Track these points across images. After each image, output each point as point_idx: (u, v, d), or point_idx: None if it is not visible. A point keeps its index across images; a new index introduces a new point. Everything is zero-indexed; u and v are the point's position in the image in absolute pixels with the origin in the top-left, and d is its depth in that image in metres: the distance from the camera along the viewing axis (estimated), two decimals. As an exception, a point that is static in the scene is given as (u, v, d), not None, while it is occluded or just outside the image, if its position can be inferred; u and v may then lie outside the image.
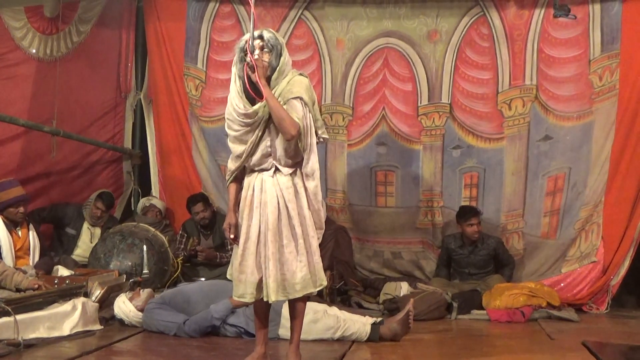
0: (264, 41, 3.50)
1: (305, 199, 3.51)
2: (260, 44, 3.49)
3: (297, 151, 3.51)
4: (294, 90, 3.48)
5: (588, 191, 6.25)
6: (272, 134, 3.51)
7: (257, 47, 3.48)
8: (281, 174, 3.51)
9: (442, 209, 6.60)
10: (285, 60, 3.54)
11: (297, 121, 3.42)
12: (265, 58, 3.48)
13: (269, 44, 3.50)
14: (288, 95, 3.47)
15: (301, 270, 3.42)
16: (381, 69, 6.73)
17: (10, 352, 3.73)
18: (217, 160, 6.98)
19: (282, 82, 3.51)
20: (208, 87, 7.01)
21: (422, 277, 6.50)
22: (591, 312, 6.00)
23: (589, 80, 6.29)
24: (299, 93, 3.48)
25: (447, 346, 4.50)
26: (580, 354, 4.12)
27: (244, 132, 3.53)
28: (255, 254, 3.47)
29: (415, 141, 6.66)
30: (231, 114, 3.57)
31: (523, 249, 6.41)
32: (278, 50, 3.51)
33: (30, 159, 6.04)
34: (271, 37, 3.52)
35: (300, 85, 3.50)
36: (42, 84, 6.09)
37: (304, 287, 3.42)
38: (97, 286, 4.91)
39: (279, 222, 3.45)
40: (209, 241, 6.56)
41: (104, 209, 6.34)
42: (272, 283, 3.40)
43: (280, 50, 3.52)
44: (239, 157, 3.58)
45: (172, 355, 3.95)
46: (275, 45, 3.50)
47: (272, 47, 3.50)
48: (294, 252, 3.44)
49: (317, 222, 3.55)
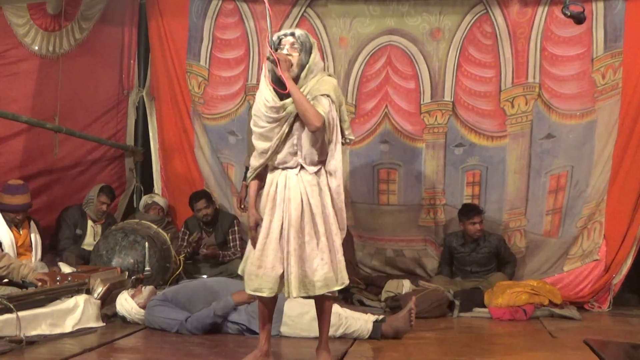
0: (295, 38, 3.55)
1: (329, 198, 3.50)
2: (291, 41, 3.54)
3: (323, 149, 3.51)
4: (322, 89, 3.49)
5: (590, 189, 6.24)
6: (299, 131, 3.50)
7: (287, 44, 3.53)
8: (306, 172, 3.50)
9: (444, 206, 6.60)
10: (316, 59, 3.56)
11: (322, 114, 3.43)
12: (295, 55, 3.51)
13: (299, 40, 3.54)
14: (316, 93, 3.48)
15: (322, 268, 3.40)
16: (384, 67, 6.72)
17: (13, 348, 3.73)
18: (220, 158, 6.98)
19: (311, 80, 3.52)
20: (211, 84, 7.01)
21: (424, 275, 6.50)
22: (593, 310, 6.00)
23: (592, 79, 6.28)
24: (327, 91, 3.50)
25: (449, 344, 4.50)
26: (582, 352, 4.12)
27: (270, 128, 3.51)
28: (278, 249, 3.44)
29: (417, 139, 6.66)
30: (259, 109, 3.55)
31: (525, 247, 6.40)
32: (308, 48, 3.55)
33: (33, 156, 6.04)
34: (302, 34, 3.57)
35: (329, 85, 3.52)
36: (45, 81, 6.09)
37: (325, 285, 3.40)
38: (99, 283, 4.91)
39: (302, 220, 3.44)
40: (211, 238, 6.57)
41: (109, 202, 6.37)
42: (294, 280, 3.38)
43: (311, 49, 3.55)
44: (263, 153, 3.55)
45: (174, 353, 3.96)
46: (305, 43, 3.55)
47: (302, 44, 3.54)
48: (315, 249, 3.42)
49: (340, 222, 3.54)
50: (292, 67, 3.49)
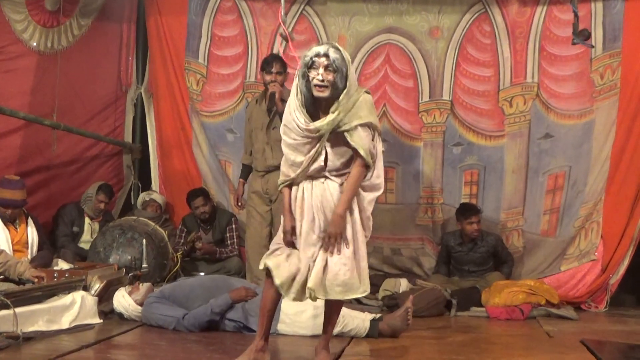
0: (330, 60, 3.33)
1: (357, 205, 3.46)
2: (325, 63, 3.33)
3: (349, 162, 3.47)
4: (361, 115, 3.38)
5: (588, 189, 6.25)
6: (329, 147, 3.43)
7: (321, 66, 3.33)
8: (332, 181, 3.47)
9: (442, 206, 6.60)
10: (352, 81, 3.39)
11: (364, 157, 3.40)
12: (329, 78, 3.33)
13: (334, 64, 3.33)
14: (355, 120, 3.36)
15: (344, 274, 3.37)
16: (382, 65, 6.73)
17: (10, 345, 3.73)
18: (218, 155, 6.98)
19: (348, 103, 3.37)
20: (209, 81, 7.00)
21: (421, 274, 6.50)
22: (590, 310, 6.00)
23: (590, 79, 6.28)
24: (367, 118, 3.39)
25: (446, 343, 4.50)
26: (578, 352, 4.12)
27: (301, 142, 3.43)
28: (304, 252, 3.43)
29: (416, 138, 6.66)
30: (290, 122, 3.44)
31: (522, 247, 6.41)
32: (344, 72, 3.35)
33: (31, 152, 6.02)
34: (337, 57, 3.34)
35: (367, 107, 3.41)
36: (43, 77, 6.07)
37: (346, 291, 3.37)
38: (96, 280, 4.91)
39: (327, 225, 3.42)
40: (209, 236, 6.57)
41: (107, 201, 6.36)
42: (315, 280, 3.36)
43: (347, 72, 3.36)
44: (296, 166, 3.46)
45: (170, 350, 3.95)
46: (340, 67, 3.34)
47: (338, 68, 3.33)
48: (338, 255, 3.40)
49: (367, 230, 3.52)
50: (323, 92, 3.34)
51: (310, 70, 3.35)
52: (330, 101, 3.37)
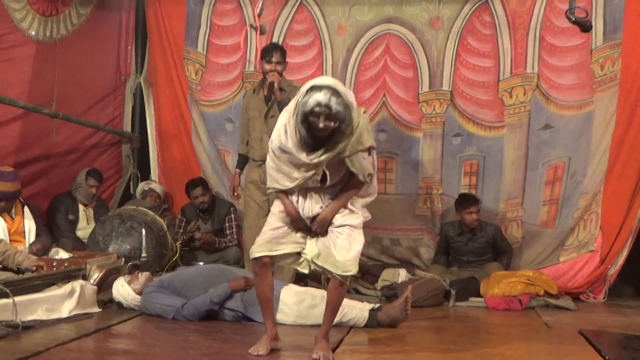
0: (332, 111, 3.17)
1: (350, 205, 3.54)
2: (327, 113, 3.17)
3: (344, 177, 3.49)
4: (362, 141, 3.33)
5: (587, 181, 6.25)
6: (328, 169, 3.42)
7: (322, 115, 3.17)
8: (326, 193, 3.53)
9: (441, 196, 6.61)
10: (355, 118, 3.26)
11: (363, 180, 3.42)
12: (332, 124, 3.20)
13: (337, 116, 3.18)
14: (358, 146, 3.33)
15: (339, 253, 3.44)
16: (382, 56, 6.72)
17: (9, 333, 3.73)
18: (217, 145, 6.97)
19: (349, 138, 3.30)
20: (208, 71, 6.99)
21: (420, 264, 6.51)
22: (588, 301, 6.01)
23: (591, 70, 6.27)
24: (368, 142, 3.36)
25: (445, 333, 4.51)
26: (577, 342, 4.13)
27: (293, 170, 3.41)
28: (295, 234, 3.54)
29: (415, 128, 6.66)
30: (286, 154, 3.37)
31: (522, 238, 6.42)
32: (348, 116, 3.21)
33: (30, 141, 6.01)
34: (340, 109, 3.16)
35: (366, 130, 3.37)
36: (42, 66, 6.06)
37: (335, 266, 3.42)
38: (95, 269, 4.92)
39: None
40: (208, 225, 6.57)
41: (97, 185, 6.32)
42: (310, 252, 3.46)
43: (351, 114, 3.22)
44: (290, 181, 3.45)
45: (170, 339, 3.96)
46: (344, 117, 3.19)
47: (342, 118, 3.19)
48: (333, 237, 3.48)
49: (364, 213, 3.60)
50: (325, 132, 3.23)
51: (310, 117, 3.21)
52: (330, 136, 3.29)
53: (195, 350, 3.65)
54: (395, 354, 3.69)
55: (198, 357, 3.51)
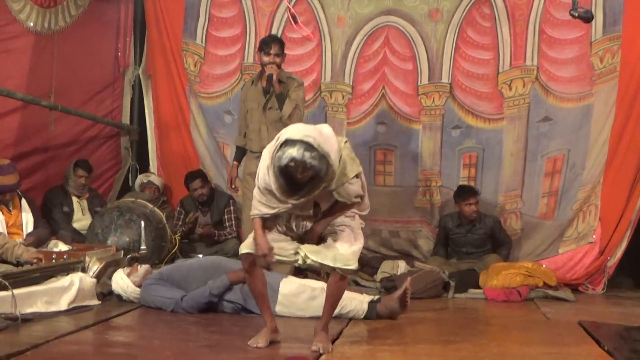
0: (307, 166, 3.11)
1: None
2: (301, 168, 3.12)
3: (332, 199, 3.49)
4: (347, 173, 3.31)
5: (586, 172, 6.25)
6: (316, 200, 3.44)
7: (299, 168, 3.12)
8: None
9: (440, 188, 6.61)
10: (335, 163, 3.19)
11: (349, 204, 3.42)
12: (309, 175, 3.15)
13: (312, 169, 3.12)
14: (342, 179, 3.32)
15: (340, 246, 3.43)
16: (382, 48, 6.71)
17: (8, 326, 3.72)
18: (216, 137, 6.97)
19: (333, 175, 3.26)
20: (207, 63, 6.98)
21: (419, 256, 6.52)
22: (587, 292, 6.03)
23: (590, 62, 6.27)
24: (353, 172, 3.35)
25: (444, 325, 4.52)
26: (575, 333, 4.14)
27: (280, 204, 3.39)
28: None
29: (414, 120, 6.65)
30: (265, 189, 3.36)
31: (521, 229, 6.42)
32: (324, 166, 3.13)
33: (28, 133, 6.00)
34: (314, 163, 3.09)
35: (349, 162, 3.35)
36: (40, 58, 6.04)
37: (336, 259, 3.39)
38: (94, 261, 4.91)
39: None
40: (207, 218, 6.57)
41: (86, 175, 6.25)
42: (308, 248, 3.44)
43: (328, 162, 3.13)
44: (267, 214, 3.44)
45: (169, 331, 3.96)
46: (320, 168, 3.12)
47: (318, 170, 3.12)
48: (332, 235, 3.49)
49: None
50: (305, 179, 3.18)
51: (286, 170, 3.16)
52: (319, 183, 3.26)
53: (194, 342, 3.65)
54: (394, 346, 3.70)
55: (197, 349, 3.51)
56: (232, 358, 3.34)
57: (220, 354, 3.44)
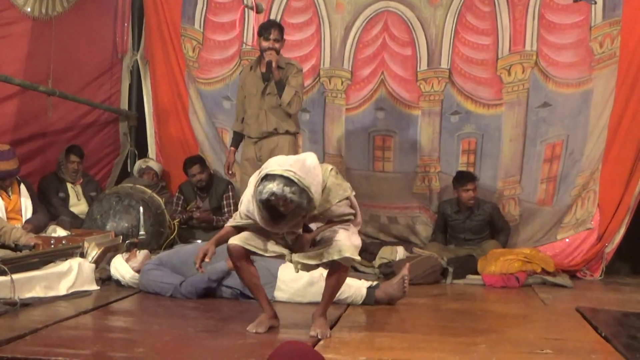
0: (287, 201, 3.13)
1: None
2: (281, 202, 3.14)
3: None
4: (330, 199, 3.36)
5: (585, 158, 6.24)
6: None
7: (279, 202, 3.14)
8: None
9: (439, 174, 6.60)
10: (316, 195, 3.20)
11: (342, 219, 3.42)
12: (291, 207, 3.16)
13: (292, 204, 3.14)
14: (325, 205, 3.35)
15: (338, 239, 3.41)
16: (380, 33, 6.68)
17: (7, 311, 3.74)
18: (214, 123, 6.95)
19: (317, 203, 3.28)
20: (205, 48, 6.95)
21: (417, 242, 6.52)
22: (585, 278, 6.03)
23: (590, 47, 6.24)
24: (338, 197, 3.38)
25: (442, 310, 4.53)
26: (573, 319, 4.15)
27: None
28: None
29: (413, 106, 6.63)
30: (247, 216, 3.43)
31: (519, 215, 6.42)
32: (305, 200, 3.13)
33: (26, 119, 5.99)
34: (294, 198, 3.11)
35: (334, 188, 3.37)
36: (38, 44, 6.01)
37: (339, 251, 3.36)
38: (93, 247, 4.92)
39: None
40: (206, 203, 6.57)
41: (79, 160, 6.23)
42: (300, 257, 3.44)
43: (309, 196, 3.14)
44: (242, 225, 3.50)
45: (168, 316, 3.97)
46: (300, 203, 3.13)
47: (298, 204, 3.14)
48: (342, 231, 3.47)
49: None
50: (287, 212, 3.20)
51: (267, 203, 3.18)
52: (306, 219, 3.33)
53: (193, 327, 3.66)
54: (392, 331, 3.71)
55: (196, 334, 3.52)
56: (231, 343, 3.35)
57: (219, 339, 3.45)
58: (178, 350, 3.24)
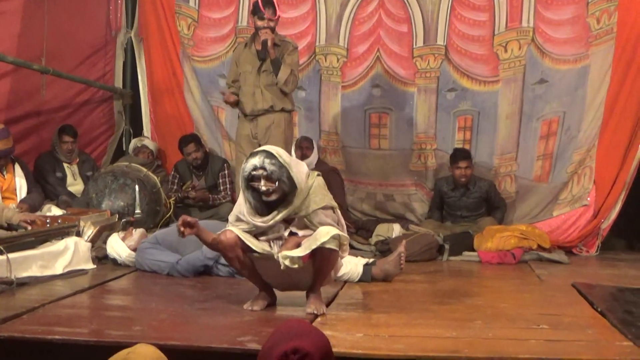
0: (267, 172, 3.29)
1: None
2: (264, 174, 3.29)
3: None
4: (317, 200, 3.38)
5: (582, 135, 6.23)
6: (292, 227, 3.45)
7: (262, 177, 3.29)
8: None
9: (435, 151, 6.59)
10: (299, 179, 3.34)
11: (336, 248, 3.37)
12: (273, 185, 3.30)
13: (273, 175, 3.29)
14: (312, 205, 3.36)
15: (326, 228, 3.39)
16: (376, 10, 6.63)
17: (3, 290, 3.74)
18: (210, 101, 6.92)
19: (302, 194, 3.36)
20: (200, 26, 6.90)
21: (414, 220, 6.53)
22: (581, 254, 6.05)
23: (587, 23, 6.20)
24: (323, 202, 3.40)
25: (438, 287, 4.54)
26: (569, 295, 4.17)
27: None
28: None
29: (409, 83, 6.61)
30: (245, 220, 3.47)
31: (515, 192, 6.43)
32: (285, 178, 3.30)
33: (20, 97, 5.94)
34: (274, 169, 3.28)
35: (320, 192, 3.40)
36: (31, 21, 5.95)
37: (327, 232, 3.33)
38: (89, 226, 4.91)
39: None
40: (201, 182, 6.56)
41: (72, 139, 6.18)
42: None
43: (289, 172, 3.31)
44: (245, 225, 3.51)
45: (164, 294, 3.97)
46: (280, 176, 3.29)
47: (278, 177, 3.29)
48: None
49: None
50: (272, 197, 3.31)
51: (253, 182, 3.34)
52: (282, 196, 3.36)
53: (190, 304, 3.67)
54: (389, 308, 3.72)
55: (193, 312, 3.53)
56: (227, 321, 3.36)
57: (215, 316, 3.45)
58: (175, 328, 3.24)
